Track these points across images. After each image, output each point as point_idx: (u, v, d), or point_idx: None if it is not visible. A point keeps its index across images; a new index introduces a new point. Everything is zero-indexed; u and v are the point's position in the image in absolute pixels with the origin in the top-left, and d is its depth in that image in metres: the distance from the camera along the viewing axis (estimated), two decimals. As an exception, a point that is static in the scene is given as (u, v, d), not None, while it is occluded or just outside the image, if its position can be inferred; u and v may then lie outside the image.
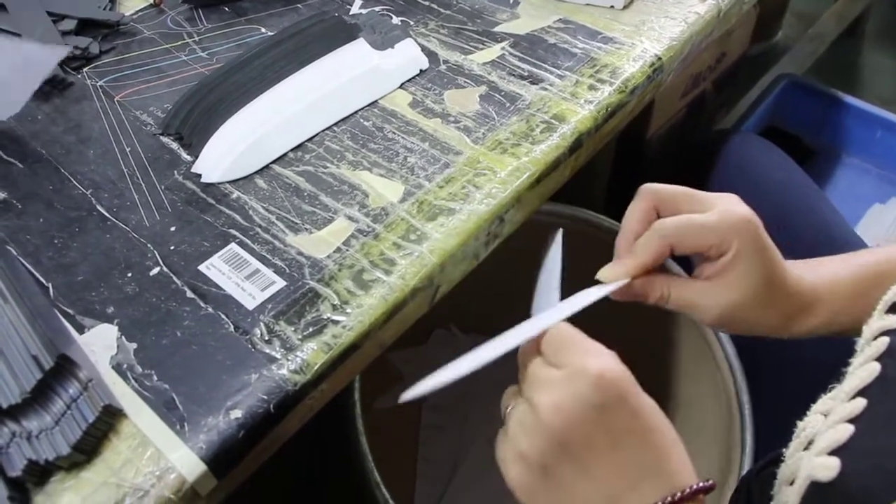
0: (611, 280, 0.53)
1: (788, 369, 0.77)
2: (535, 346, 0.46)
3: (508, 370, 0.50)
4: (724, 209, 0.51)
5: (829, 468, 0.39)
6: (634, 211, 0.54)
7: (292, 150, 0.64)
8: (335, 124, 0.66)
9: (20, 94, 0.62)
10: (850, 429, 0.40)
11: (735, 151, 0.93)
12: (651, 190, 0.54)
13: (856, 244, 0.81)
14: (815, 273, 0.56)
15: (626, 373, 0.42)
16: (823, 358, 0.52)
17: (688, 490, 0.41)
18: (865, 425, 0.40)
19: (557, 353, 0.44)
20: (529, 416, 0.42)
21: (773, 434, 0.53)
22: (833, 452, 0.40)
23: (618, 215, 0.88)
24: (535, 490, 0.43)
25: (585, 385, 0.41)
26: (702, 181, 0.89)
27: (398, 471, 0.98)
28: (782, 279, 0.53)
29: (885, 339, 0.44)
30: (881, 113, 1.31)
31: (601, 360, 0.42)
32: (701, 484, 0.41)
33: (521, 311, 0.53)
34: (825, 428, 0.42)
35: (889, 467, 0.37)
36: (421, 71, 0.71)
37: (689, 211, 0.52)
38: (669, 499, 0.40)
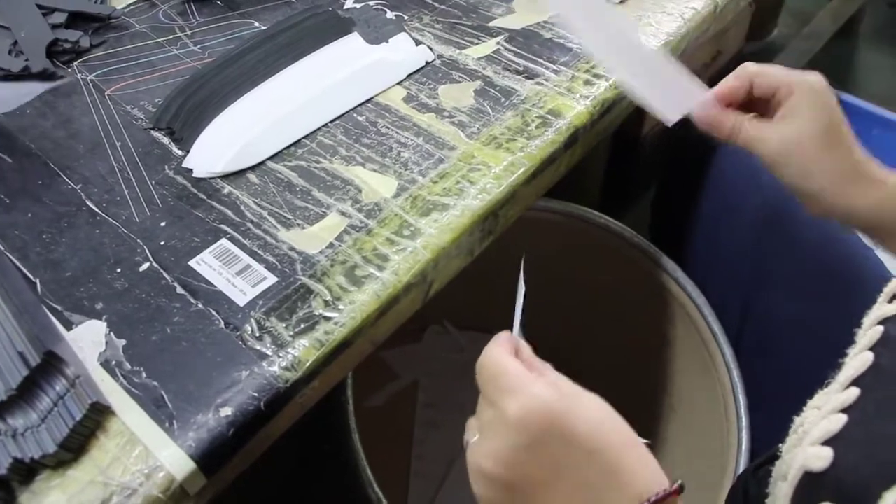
0: (700, 97, 0.62)
1: (785, 368, 0.76)
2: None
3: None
4: (799, 72, 0.60)
5: (821, 458, 0.39)
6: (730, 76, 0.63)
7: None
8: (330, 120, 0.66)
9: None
10: (843, 418, 0.40)
11: (732, 149, 0.92)
12: (749, 69, 0.63)
13: (855, 245, 0.80)
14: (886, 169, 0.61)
15: (550, 400, 0.41)
16: (820, 357, 0.52)
17: (653, 497, 0.40)
18: (858, 415, 0.40)
19: (486, 392, 0.44)
20: (476, 462, 0.43)
21: (769, 432, 0.53)
22: (826, 443, 0.39)
23: (612, 213, 0.88)
24: None
25: (508, 431, 0.41)
26: (698, 179, 0.88)
27: (392, 469, 0.98)
28: (842, 136, 0.59)
29: (880, 328, 0.43)
30: (877, 111, 1.30)
31: (518, 401, 0.41)
32: (665, 490, 0.40)
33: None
34: (819, 418, 0.42)
35: (881, 457, 0.36)
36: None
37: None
38: None
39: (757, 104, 0.63)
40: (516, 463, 0.41)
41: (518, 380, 0.42)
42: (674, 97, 0.63)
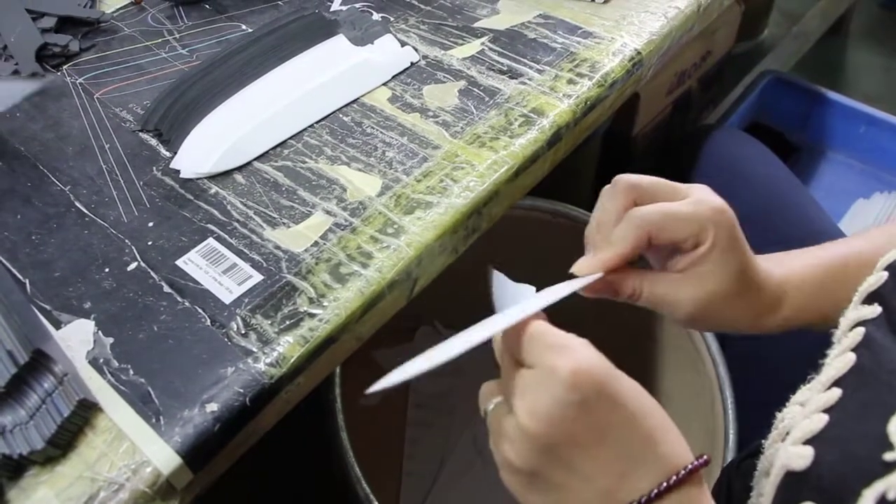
0: (585, 273, 0.52)
1: (771, 361, 0.77)
2: (506, 344, 0.45)
3: (493, 365, 0.50)
4: (698, 199, 0.50)
5: (802, 457, 0.39)
6: (611, 203, 0.52)
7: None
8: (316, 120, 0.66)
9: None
10: (825, 418, 0.40)
11: (718, 147, 0.93)
12: (630, 183, 0.51)
13: (839, 235, 0.81)
14: (783, 268, 0.55)
15: (600, 362, 0.40)
16: (806, 349, 0.53)
17: (682, 472, 0.39)
18: (839, 415, 0.40)
19: (527, 353, 0.42)
20: (510, 423, 0.41)
21: (756, 425, 0.53)
22: (808, 442, 0.40)
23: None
24: (529, 493, 0.42)
25: (559, 386, 0.39)
26: (685, 176, 0.89)
27: (384, 469, 0.98)
28: (754, 272, 0.52)
29: (861, 330, 0.44)
30: (865, 108, 1.31)
31: (572, 356, 0.39)
32: (695, 462, 0.40)
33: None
34: (801, 418, 0.42)
35: (860, 455, 0.36)
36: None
37: (664, 201, 0.50)
38: (665, 484, 0.39)
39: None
40: (564, 419, 0.39)
41: (566, 339, 0.41)
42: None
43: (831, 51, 1.85)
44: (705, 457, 0.40)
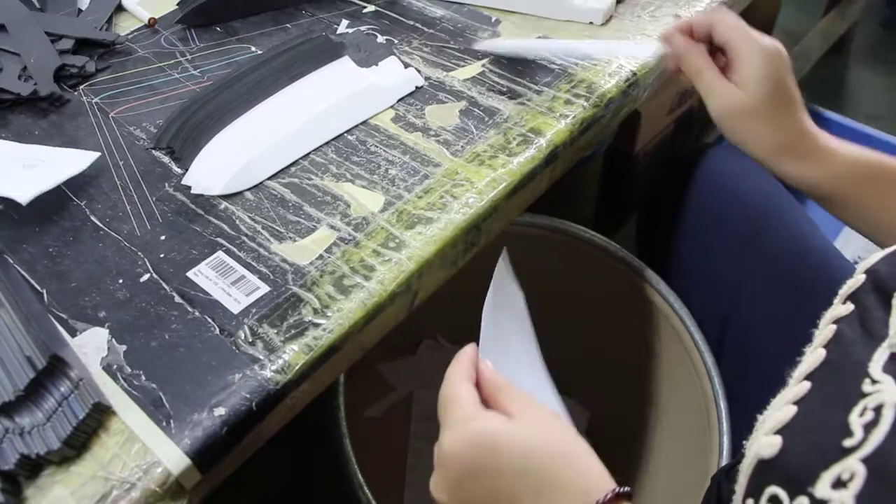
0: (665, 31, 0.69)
1: (763, 373, 0.79)
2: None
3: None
4: (755, 35, 0.64)
5: (771, 445, 0.41)
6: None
7: (279, 162, 0.67)
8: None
9: (40, 185, 0.64)
10: (794, 409, 0.42)
11: (714, 165, 0.95)
12: (713, 14, 0.66)
13: (832, 257, 0.83)
14: (840, 141, 0.64)
15: (476, 440, 0.46)
16: (796, 362, 0.55)
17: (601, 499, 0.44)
18: (807, 406, 0.42)
19: (439, 417, 0.50)
20: (430, 487, 0.50)
21: (749, 436, 0.55)
22: (778, 432, 0.42)
23: (606, 230, 0.91)
24: None
25: (443, 464, 0.48)
26: (682, 194, 0.91)
27: (387, 479, 1.00)
28: (790, 107, 0.63)
29: (833, 327, 0.46)
30: (862, 128, 1.33)
31: (450, 437, 0.47)
32: (603, 498, 0.44)
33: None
34: (773, 410, 0.44)
35: (822, 442, 0.39)
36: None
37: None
38: None
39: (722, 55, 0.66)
40: (455, 488, 0.47)
41: (460, 413, 0.48)
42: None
43: (832, 70, 1.88)
44: (616, 489, 0.44)
